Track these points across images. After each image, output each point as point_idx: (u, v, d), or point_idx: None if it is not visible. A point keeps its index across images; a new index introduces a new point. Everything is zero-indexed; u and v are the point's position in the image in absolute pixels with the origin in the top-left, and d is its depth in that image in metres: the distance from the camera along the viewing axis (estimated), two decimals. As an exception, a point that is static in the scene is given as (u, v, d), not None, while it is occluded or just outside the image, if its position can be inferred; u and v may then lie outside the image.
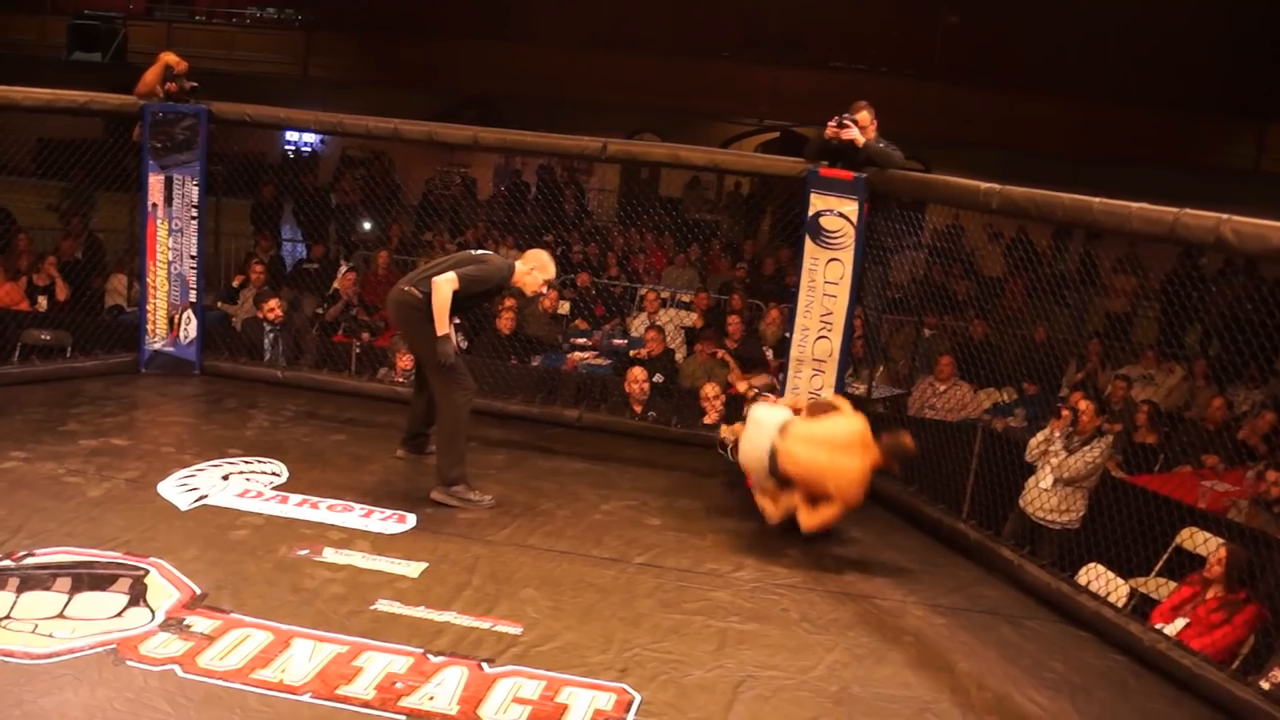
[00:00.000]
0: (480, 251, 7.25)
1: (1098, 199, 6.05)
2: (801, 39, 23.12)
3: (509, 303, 10.89)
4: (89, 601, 5.14)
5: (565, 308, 12.47)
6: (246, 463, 7.14)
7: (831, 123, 7.90)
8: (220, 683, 4.55)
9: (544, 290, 7.24)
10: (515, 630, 5.26)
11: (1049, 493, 7.70)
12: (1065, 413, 7.77)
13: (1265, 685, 5.32)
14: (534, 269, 6.99)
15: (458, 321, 10.62)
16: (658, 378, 9.59)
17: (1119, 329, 13.23)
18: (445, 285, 6.59)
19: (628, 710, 4.67)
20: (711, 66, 22.74)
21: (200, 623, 5.02)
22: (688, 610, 5.68)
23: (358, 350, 10.08)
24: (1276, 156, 22.03)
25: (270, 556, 5.80)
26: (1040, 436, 7.88)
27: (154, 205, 8.77)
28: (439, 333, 6.62)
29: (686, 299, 13.08)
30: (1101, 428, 7.77)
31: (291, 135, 21.61)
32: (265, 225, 13.50)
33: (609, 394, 9.43)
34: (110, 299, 10.94)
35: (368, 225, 14.49)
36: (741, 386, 8.68)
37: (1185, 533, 7.50)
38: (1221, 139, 22.11)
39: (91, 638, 4.82)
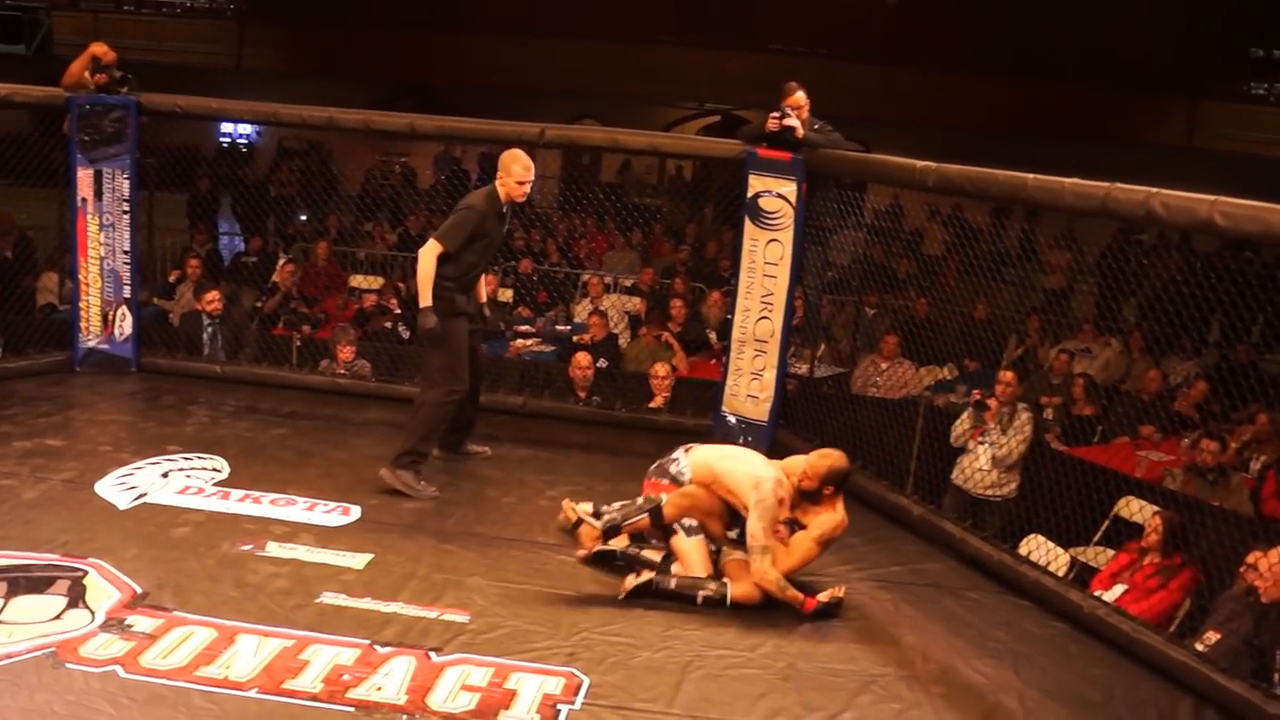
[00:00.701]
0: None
1: (1032, 175, 6.13)
2: (742, 22, 23.12)
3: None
4: (26, 605, 5.05)
5: (508, 295, 12.44)
6: (186, 459, 7.07)
7: (773, 115, 7.91)
8: (164, 681, 4.50)
9: (528, 187, 6.77)
10: (462, 618, 5.24)
11: (986, 472, 7.78)
12: (993, 402, 7.81)
13: (1200, 647, 5.41)
14: (504, 178, 6.75)
15: (398, 312, 10.58)
16: (602, 362, 9.59)
17: (1057, 304, 13.35)
18: (425, 253, 6.53)
19: (576, 694, 4.67)
20: (652, 51, 22.72)
21: (142, 622, 4.96)
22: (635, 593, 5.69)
23: (298, 343, 10.01)
24: (1208, 133, 22.32)
25: (213, 553, 5.74)
26: (964, 424, 7.92)
27: (84, 200, 8.64)
28: (421, 303, 6.54)
29: (629, 283, 13.08)
30: (1020, 398, 7.81)
31: (226, 127, 21.40)
32: (201, 219, 13.37)
33: (553, 380, 9.43)
34: (42, 297, 10.76)
35: (304, 217, 14.37)
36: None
37: (1123, 502, 7.61)
38: (1154, 117, 22.35)
39: (29, 641, 4.74)
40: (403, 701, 4.50)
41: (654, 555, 5.91)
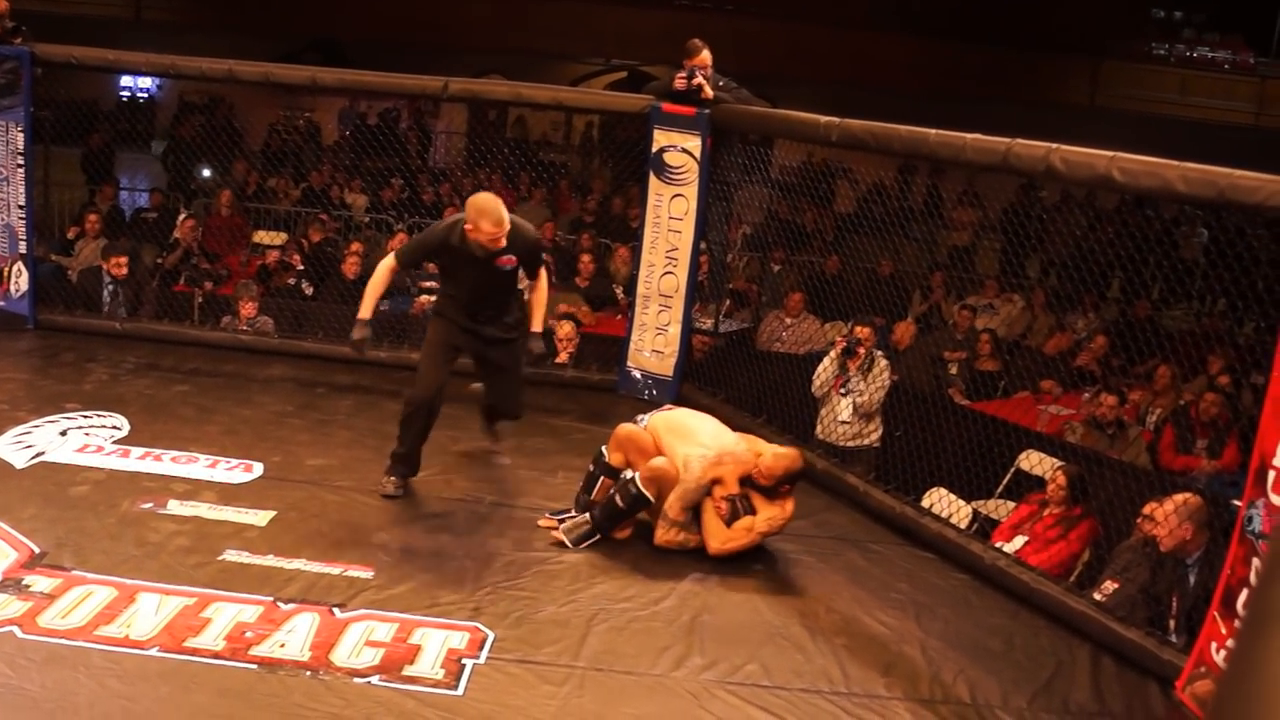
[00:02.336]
0: None
1: (934, 131, 6.20)
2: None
3: (355, 247, 10.76)
4: (-80, 564, 4.97)
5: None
6: (85, 417, 6.97)
7: (680, 75, 7.90)
8: (63, 641, 4.43)
9: (500, 237, 6.01)
10: (366, 574, 5.22)
11: (848, 424, 7.78)
12: (861, 350, 7.76)
13: (1098, 596, 5.52)
14: (471, 218, 6.03)
15: (301, 269, 10.48)
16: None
17: (962, 261, 13.51)
18: (380, 265, 6.27)
19: (481, 648, 4.67)
20: (559, 6, 22.53)
21: (40, 582, 4.87)
22: (540, 548, 5.70)
23: (200, 300, 9.87)
24: (1110, 92, 22.66)
25: (113, 511, 5.66)
26: (827, 372, 7.81)
27: (-24, 154, 8.45)
28: (359, 315, 6.27)
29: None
30: (872, 351, 7.79)
31: (126, 81, 20.94)
32: (98, 174, 13.11)
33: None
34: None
35: (207, 172, 14.14)
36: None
37: (1024, 455, 7.73)
38: (1059, 76, 22.63)
39: (-77, 602, 4.66)
40: (306, 658, 4.48)
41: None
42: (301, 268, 10.82)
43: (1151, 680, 4.99)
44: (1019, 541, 6.50)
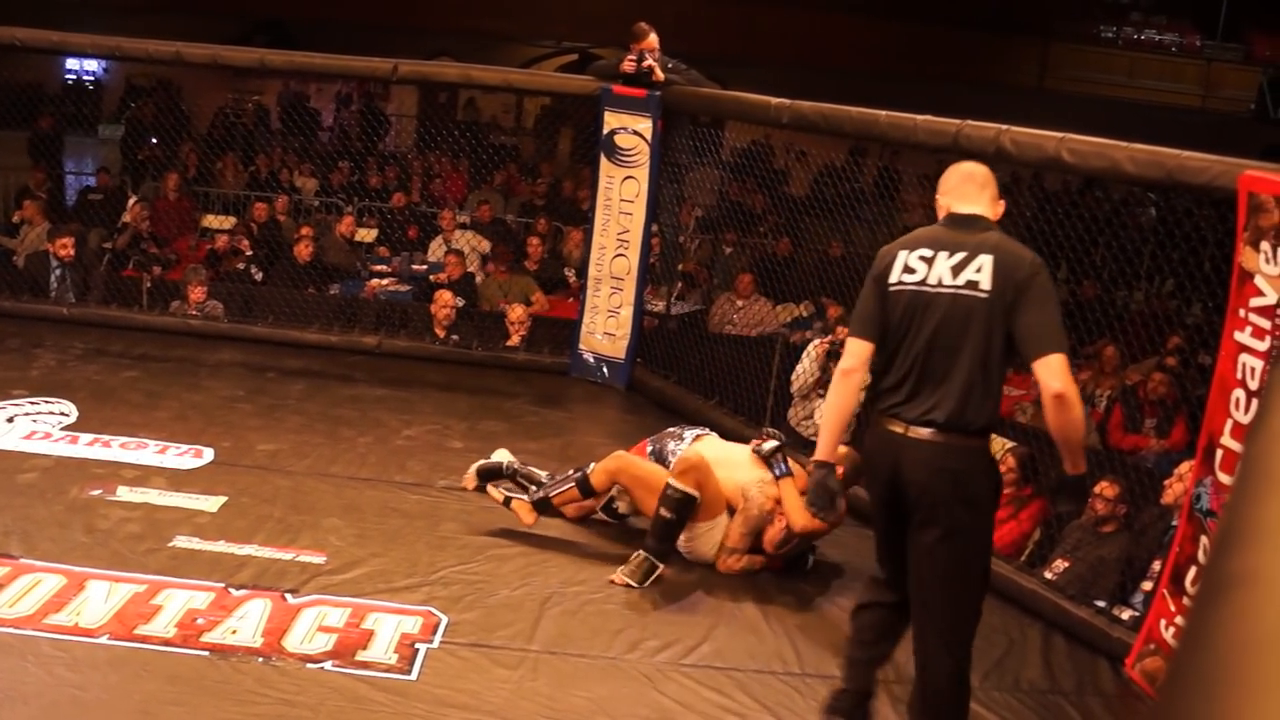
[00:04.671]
0: None
1: (885, 112, 6.23)
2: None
3: (305, 231, 10.69)
4: None
5: (367, 235, 12.27)
6: (33, 403, 6.89)
7: (629, 58, 7.88)
8: (11, 630, 4.38)
9: None
10: (319, 560, 5.20)
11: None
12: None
13: (1049, 575, 5.58)
14: None
15: (250, 253, 10.40)
16: (458, 301, 9.53)
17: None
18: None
19: (434, 632, 4.66)
20: (510, -12, 22.48)
21: (-13, 570, 4.84)
22: (493, 532, 5.68)
23: (148, 284, 9.78)
24: (1058, 74, 22.82)
25: (61, 498, 5.61)
26: (810, 374, 7.75)
27: (-80, 137, 8.34)
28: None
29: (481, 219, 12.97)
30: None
31: (72, 64, 20.69)
32: (44, 157, 12.95)
33: (409, 320, 9.35)
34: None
35: (154, 138, 14.02)
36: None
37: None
38: (1008, 58, 22.76)
39: None
40: (258, 644, 4.46)
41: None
42: (250, 253, 10.73)
43: (1101, 658, 5.04)
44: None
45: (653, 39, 7.87)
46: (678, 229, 8.95)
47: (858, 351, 3.98)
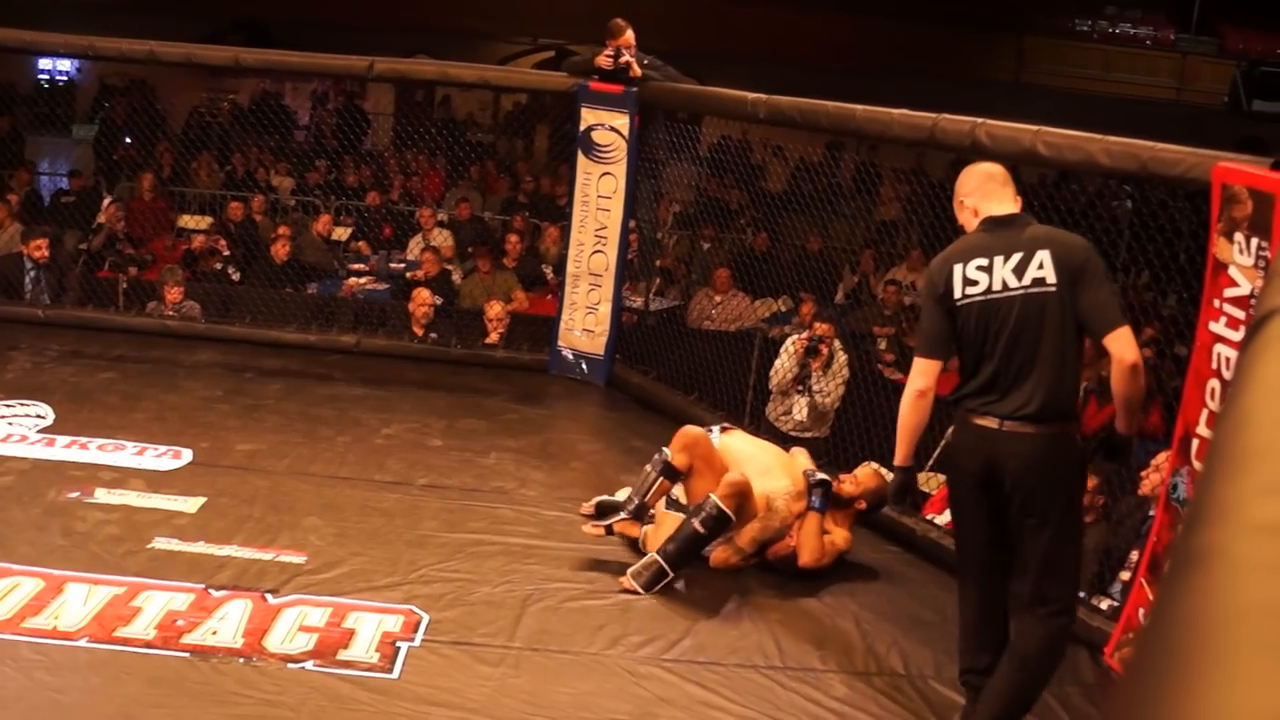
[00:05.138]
0: None
1: (861, 107, 6.24)
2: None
3: (283, 230, 10.67)
4: None
5: (342, 234, 12.25)
6: (8, 406, 6.84)
7: (605, 54, 7.89)
8: (-11, 634, 4.38)
9: None
10: (299, 559, 5.19)
11: (802, 421, 7.73)
12: (823, 348, 7.64)
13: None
14: None
15: (227, 253, 10.38)
16: (436, 299, 9.53)
17: (891, 235, 13.59)
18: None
19: (416, 631, 4.66)
20: (487, -14, 22.45)
21: (-36, 574, 4.81)
22: (473, 529, 5.68)
23: (125, 285, 9.74)
24: (1034, 68, 22.90)
25: (38, 501, 5.57)
26: (788, 371, 7.72)
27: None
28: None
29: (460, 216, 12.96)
30: (833, 346, 7.68)
31: (45, 64, 20.59)
32: (12, 158, 12.89)
33: (387, 318, 9.34)
34: None
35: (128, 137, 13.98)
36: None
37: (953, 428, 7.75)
38: (984, 53, 22.82)
39: None
40: (239, 645, 4.44)
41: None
42: (227, 252, 10.71)
43: (1081, 647, 5.04)
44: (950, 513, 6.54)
45: (629, 35, 7.87)
46: (655, 225, 8.96)
47: (929, 371, 4.13)
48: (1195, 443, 4.54)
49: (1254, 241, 4.22)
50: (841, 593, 5.43)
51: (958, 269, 4.04)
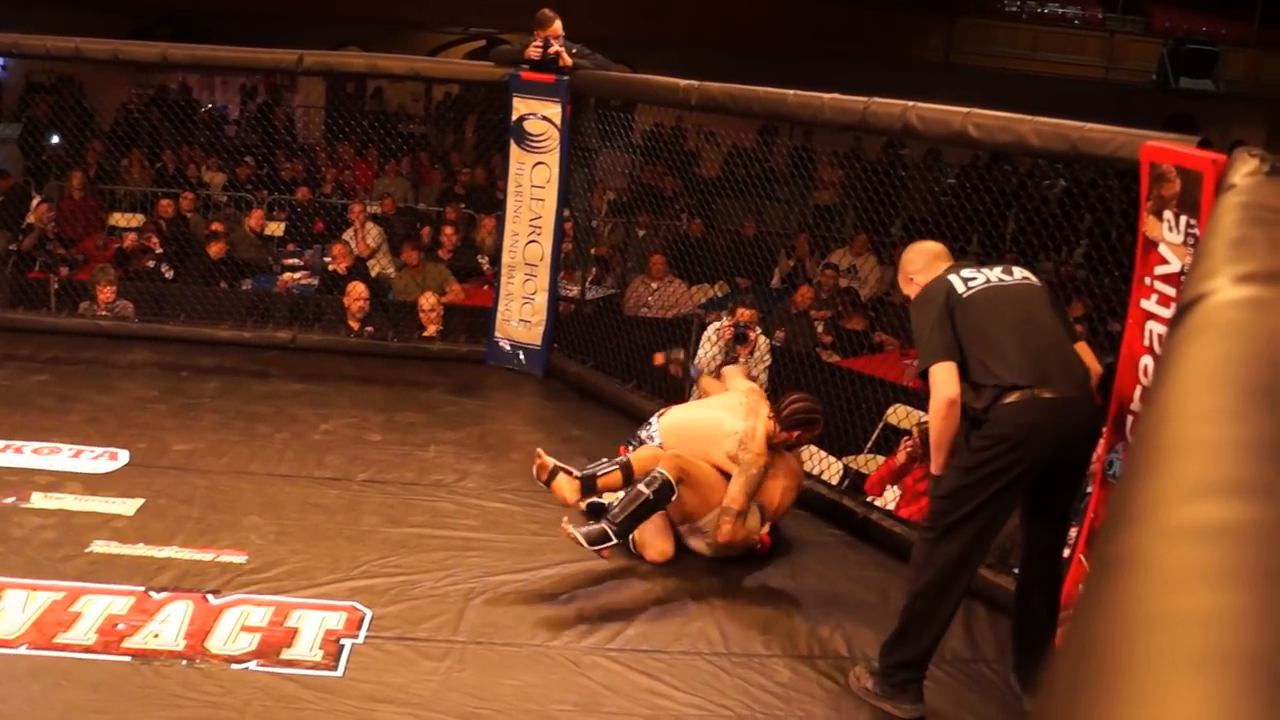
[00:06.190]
0: None
1: (792, 92, 6.26)
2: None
3: (217, 227, 10.57)
4: None
5: (276, 229, 12.14)
6: (-61, 411, 6.76)
7: (535, 45, 7.87)
8: (-74, 643, 4.32)
9: None
10: (240, 559, 5.16)
11: None
12: (751, 334, 7.59)
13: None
14: None
15: (159, 251, 10.27)
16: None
17: (828, 220, 13.64)
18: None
19: (359, 627, 4.64)
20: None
21: (-102, 582, 4.74)
22: (415, 523, 5.67)
23: (56, 286, 9.62)
24: (964, 49, 23.03)
25: (-28, 508, 5.52)
26: (707, 357, 7.64)
27: None
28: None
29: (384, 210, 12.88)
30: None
31: (-31, 62, 20.23)
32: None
33: (323, 313, 9.28)
34: None
35: (56, 139, 13.78)
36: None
37: (892, 409, 7.85)
38: (915, 34, 22.93)
39: None
40: (181, 647, 4.41)
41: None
42: (160, 250, 10.60)
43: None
44: (890, 494, 6.60)
45: (556, 26, 7.86)
46: (590, 213, 8.95)
47: (952, 375, 4.20)
48: (1130, 419, 4.60)
49: (1183, 219, 4.28)
50: (784, 577, 5.47)
51: (953, 276, 4.35)
